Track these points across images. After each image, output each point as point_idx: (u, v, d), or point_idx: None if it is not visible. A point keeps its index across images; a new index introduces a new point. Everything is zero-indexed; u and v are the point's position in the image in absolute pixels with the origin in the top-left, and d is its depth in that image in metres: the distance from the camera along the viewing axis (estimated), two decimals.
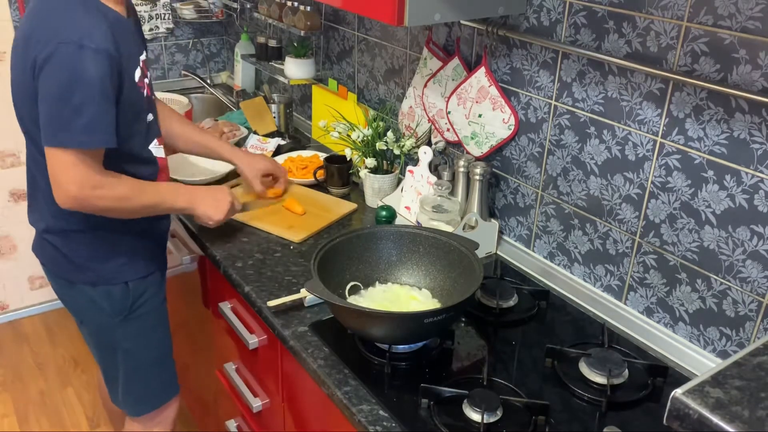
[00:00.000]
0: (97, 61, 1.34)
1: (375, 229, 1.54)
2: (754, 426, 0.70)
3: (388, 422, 1.21)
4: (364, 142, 1.95)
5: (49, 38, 1.34)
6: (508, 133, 1.68)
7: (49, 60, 1.33)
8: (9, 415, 2.60)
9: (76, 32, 1.34)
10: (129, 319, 1.66)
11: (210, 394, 2.18)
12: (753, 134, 1.20)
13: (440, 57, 1.83)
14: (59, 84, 1.34)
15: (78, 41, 1.33)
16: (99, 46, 1.34)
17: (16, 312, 3.14)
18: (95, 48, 1.34)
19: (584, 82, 1.48)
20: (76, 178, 1.39)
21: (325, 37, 2.37)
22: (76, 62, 1.33)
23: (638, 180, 1.42)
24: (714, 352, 1.36)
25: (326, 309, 1.49)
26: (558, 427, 1.21)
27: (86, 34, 1.34)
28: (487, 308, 1.53)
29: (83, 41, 1.33)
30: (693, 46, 1.26)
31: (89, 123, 1.35)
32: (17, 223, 2.97)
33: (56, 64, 1.33)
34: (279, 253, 1.72)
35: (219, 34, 3.08)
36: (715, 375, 0.77)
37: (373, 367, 1.34)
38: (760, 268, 1.24)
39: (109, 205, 1.46)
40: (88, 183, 1.40)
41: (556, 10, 1.50)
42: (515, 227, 1.75)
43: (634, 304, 1.49)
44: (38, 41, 1.36)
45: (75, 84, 1.33)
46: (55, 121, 1.36)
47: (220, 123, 2.41)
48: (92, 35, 1.35)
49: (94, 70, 1.34)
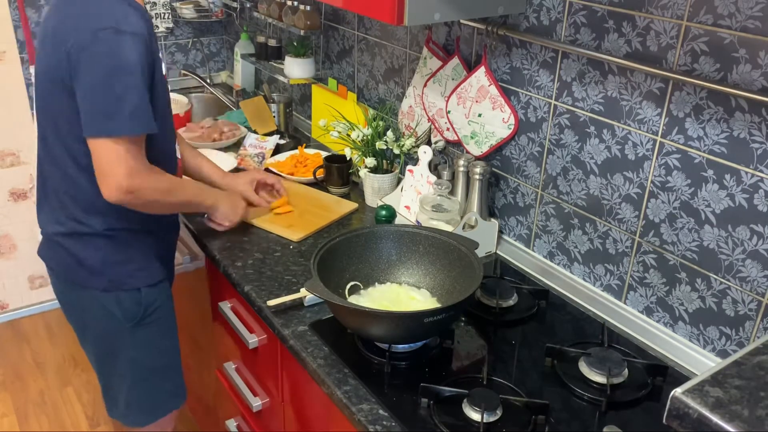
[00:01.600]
0: (135, 45, 1.33)
1: (375, 228, 1.54)
2: (753, 425, 0.70)
3: (387, 421, 1.21)
4: (363, 141, 1.95)
5: (83, 27, 1.32)
6: (508, 133, 1.68)
7: (87, 48, 1.32)
8: (9, 414, 2.60)
9: (112, 18, 1.33)
10: (139, 326, 1.63)
11: (210, 394, 2.18)
12: (753, 134, 1.20)
13: (440, 56, 1.83)
14: (101, 72, 1.32)
15: (116, 26, 1.32)
16: (135, 30, 1.33)
17: (16, 311, 3.14)
18: (132, 32, 1.33)
19: (584, 81, 1.48)
20: (126, 167, 1.36)
21: (324, 36, 2.37)
22: (116, 48, 1.31)
23: (638, 179, 1.42)
24: (714, 352, 1.36)
25: (326, 308, 1.49)
26: (558, 427, 1.21)
27: (122, 19, 1.33)
28: (487, 308, 1.53)
29: (121, 26, 1.32)
30: (693, 46, 1.26)
31: (135, 109, 1.34)
32: (17, 223, 2.96)
33: (95, 51, 1.32)
34: (279, 253, 1.72)
35: (219, 33, 3.08)
36: (714, 374, 0.77)
37: (372, 366, 1.34)
38: (760, 268, 1.24)
39: (155, 198, 1.45)
40: (138, 172, 1.38)
41: (556, 10, 1.49)
42: (515, 227, 1.75)
43: (634, 303, 1.49)
44: (71, 32, 1.34)
45: (117, 70, 1.32)
46: (100, 110, 1.34)
47: (219, 122, 2.41)
48: (128, 20, 1.34)
49: (134, 55, 1.33)
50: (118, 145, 1.35)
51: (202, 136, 2.35)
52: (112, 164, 1.36)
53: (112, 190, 1.38)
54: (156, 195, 1.45)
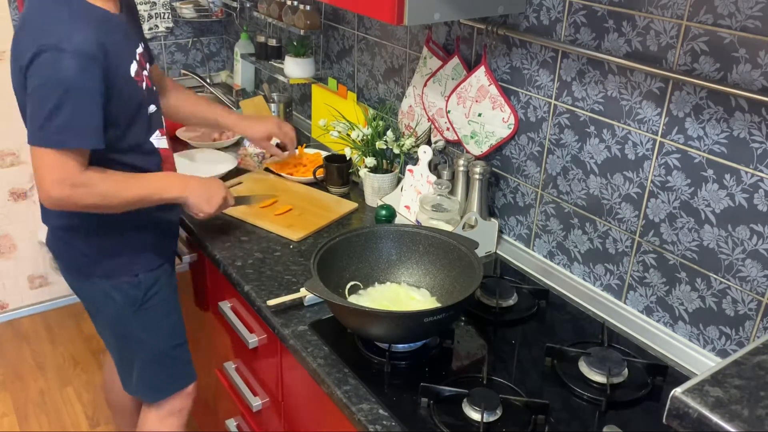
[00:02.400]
0: (75, 64, 1.36)
1: (375, 228, 1.54)
2: (753, 425, 0.70)
3: (387, 421, 1.21)
4: (363, 141, 1.95)
5: (32, 42, 1.38)
6: (508, 132, 1.68)
7: (32, 63, 1.37)
8: (9, 414, 2.60)
9: (55, 36, 1.36)
10: (142, 309, 1.69)
11: (210, 394, 2.18)
12: (753, 133, 1.20)
13: (440, 56, 1.83)
14: (37, 86, 1.38)
15: (56, 45, 1.35)
16: (78, 48, 1.36)
17: (16, 311, 3.14)
18: (73, 51, 1.36)
19: (584, 81, 1.47)
20: (53, 177, 1.41)
21: (324, 36, 2.37)
22: (53, 65, 1.36)
23: (638, 179, 1.42)
24: (713, 351, 1.36)
25: (326, 308, 1.49)
26: (558, 426, 1.21)
27: (65, 38, 1.36)
28: (487, 307, 1.53)
29: (62, 44, 1.35)
30: (693, 45, 1.26)
31: (64, 124, 1.38)
32: (17, 223, 2.96)
33: (36, 67, 1.37)
34: (279, 253, 1.72)
35: (218, 33, 3.08)
36: (714, 374, 0.77)
37: (372, 366, 1.34)
38: (760, 267, 1.24)
39: (92, 201, 1.48)
40: (66, 182, 1.42)
41: (556, 9, 1.49)
42: (515, 226, 1.75)
43: (634, 303, 1.49)
44: (24, 45, 1.40)
45: (50, 86, 1.37)
46: (34, 121, 1.39)
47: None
48: (71, 38, 1.37)
49: (71, 73, 1.36)
50: (48, 155, 1.40)
51: (202, 135, 2.35)
52: (41, 173, 1.42)
53: (43, 198, 1.44)
54: (93, 199, 1.47)
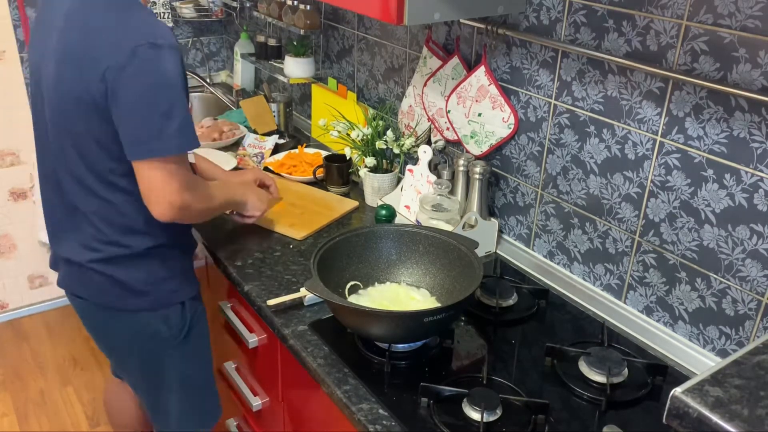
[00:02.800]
0: (173, 58, 1.29)
1: (374, 228, 1.54)
2: (753, 425, 0.70)
3: (387, 421, 1.21)
4: (363, 141, 1.95)
5: (118, 45, 1.26)
6: (508, 132, 1.68)
7: (126, 67, 1.25)
8: (9, 414, 2.60)
9: (148, 32, 1.27)
10: (186, 340, 1.61)
11: None
12: (753, 133, 1.20)
13: (440, 56, 1.83)
14: (143, 90, 1.27)
15: (153, 41, 1.26)
16: (171, 42, 1.29)
17: (16, 311, 3.14)
18: (169, 45, 1.28)
19: (584, 81, 1.47)
20: (178, 185, 1.33)
21: (324, 35, 2.37)
22: (157, 63, 1.26)
23: (638, 179, 1.42)
24: (713, 351, 1.36)
25: (326, 308, 1.49)
26: (557, 426, 1.21)
27: (157, 33, 1.28)
28: (487, 307, 1.53)
29: (157, 40, 1.27)
30: (693, 45, 1.26)
31: (181, 126, 1.30)
32: (17, 222, 2.96)
33: (136, 70, 1.25)
34: (279, 252, 1.72)
35: (218, 33, 3.08)
36: (714, 374, 0.77)
37: (372, 366, 1.34)
38: (760, 267, 1.24)
39: (203, 206, 1.44)
40: (187, 187, 1.35)
41: (556, 9, 1.49)
42: (515, 226, 1.75)
43: (634, 303, 1.49)
44: (104, 51, 1.27)
45: (160, 87, 1.27)
46: (146, 131, 1.28)
47: (219, 122, 2.41)
48: (162, 32, 1.29)
49: (174, 69, 1.29)
50: (168, 164, 1.31)
51: (201, 135, 2.35)
52: (164, 183, 1.32)
53: (164, 209, 1.34)
54: (203, 203, 1.44)
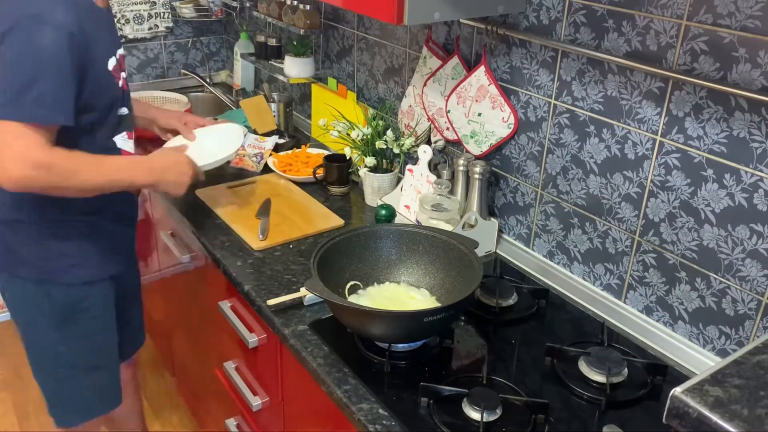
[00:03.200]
0: (55, 36, 1.31)
1: (374, 228, 1.54)
2: (753, 424, 0.70)
3: (387, 421, 1.21)
4: (363, 140, 1.95)
5: (10, 13, 1.32)
6: (508, 132, 1.68)
7: (9, 33, 1.30)
8: (9, 414, 2.60)
9: (37, 6, 1.32)
10: (68, 322, 1.58)
11: (209, 393, 2.18)
12: (752, 133, 1.20)
13: (440, 56, 1.83)
14: (14, 56, 1.30)
15: (38, 15, 1.31)
16: (59, 21, 1.32)
17: None
18: (54, 23, 1.31)
19: (584, 80, 1.48)
20: (16, 153, 1.29)
21: (324, 35, 2.37)
22: (34, 36, 1.30)
23: (638, 179, 1.42)
24: (713, 351, 1.36)
25: (326, 308, 1.49)
26: (557, 426, 1.22)
27: (47, 10, 1.32)
28: (487, 307, 1.53)
29: (44, 16, 1.31)
30: (692, 45, 1.26)
31: (39, 97, 1.30)
32: None
33: (14, 36, 1.30)
34: (279, 252, 1.72)
35: (218, 32, 3.08)
36: (714, 373, 0.77)
37: (372, 365, 1.34)
38: (760, 267, 1.24)
39: (55, 182, 1.35)
40: (29, 159, 1.30)
41: (556, 9, 1.49)
42: (515, 226, 1.75)
43: (634, 302, 1.50)
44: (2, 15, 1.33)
45: (29, 57, 1.30)
46: (5, 94, 1.30)
47: (219, 122, 2.40)
48: (53, 11, 1.32)
49: (51, 45, 1.31)
50: (12, 129, 1.29)
51: None
52: (4, 150, 1.30)
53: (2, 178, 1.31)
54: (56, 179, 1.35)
